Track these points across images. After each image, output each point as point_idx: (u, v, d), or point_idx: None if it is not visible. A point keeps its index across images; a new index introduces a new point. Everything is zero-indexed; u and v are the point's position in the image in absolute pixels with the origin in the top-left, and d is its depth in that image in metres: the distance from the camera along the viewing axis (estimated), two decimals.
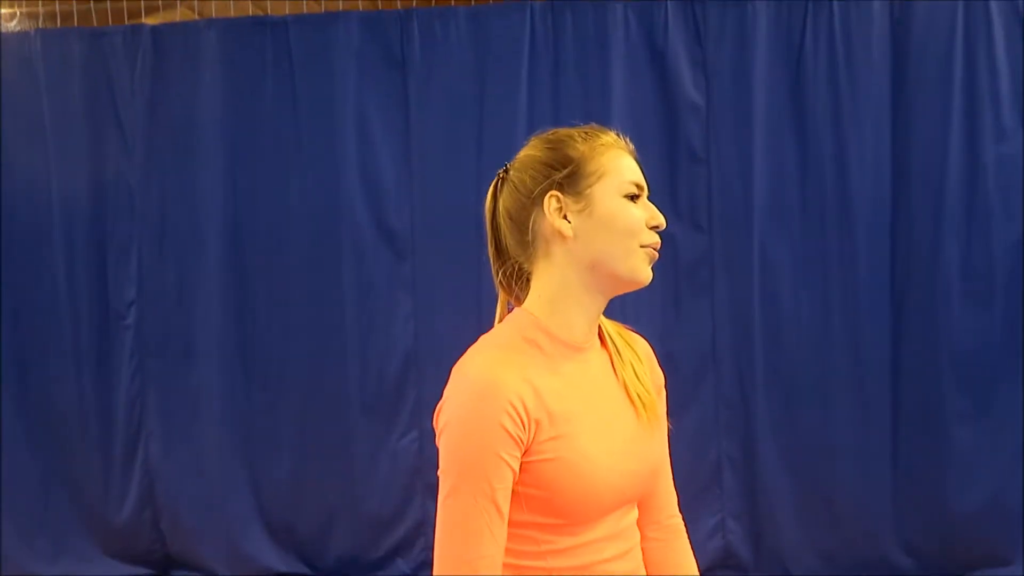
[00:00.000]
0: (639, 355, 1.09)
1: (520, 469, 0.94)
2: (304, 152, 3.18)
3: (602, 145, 1.04)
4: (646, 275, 1.03)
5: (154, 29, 3.26)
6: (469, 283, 3.11)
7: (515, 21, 3.09)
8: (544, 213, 1.02)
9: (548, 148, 1.04)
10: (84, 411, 3.26)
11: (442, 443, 0.96)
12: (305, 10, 3.37)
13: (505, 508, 0.93)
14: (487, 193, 1.10)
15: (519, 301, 1.07)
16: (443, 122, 3.14)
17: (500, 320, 1.09)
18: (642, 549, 1.07)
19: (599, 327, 1.08)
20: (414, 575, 3.14)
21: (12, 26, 3.56)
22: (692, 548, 1.16)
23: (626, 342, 1.09)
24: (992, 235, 2.96)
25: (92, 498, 3.27)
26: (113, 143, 3.26)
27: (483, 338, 1.05)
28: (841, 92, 3.00)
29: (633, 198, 1.02)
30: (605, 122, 3.26)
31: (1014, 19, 2.94)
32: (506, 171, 1.09)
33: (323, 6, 3.50)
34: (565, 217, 1.01)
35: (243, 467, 3.21)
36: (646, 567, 1.08)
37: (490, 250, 1.09)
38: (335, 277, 3.18)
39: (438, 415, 0.99)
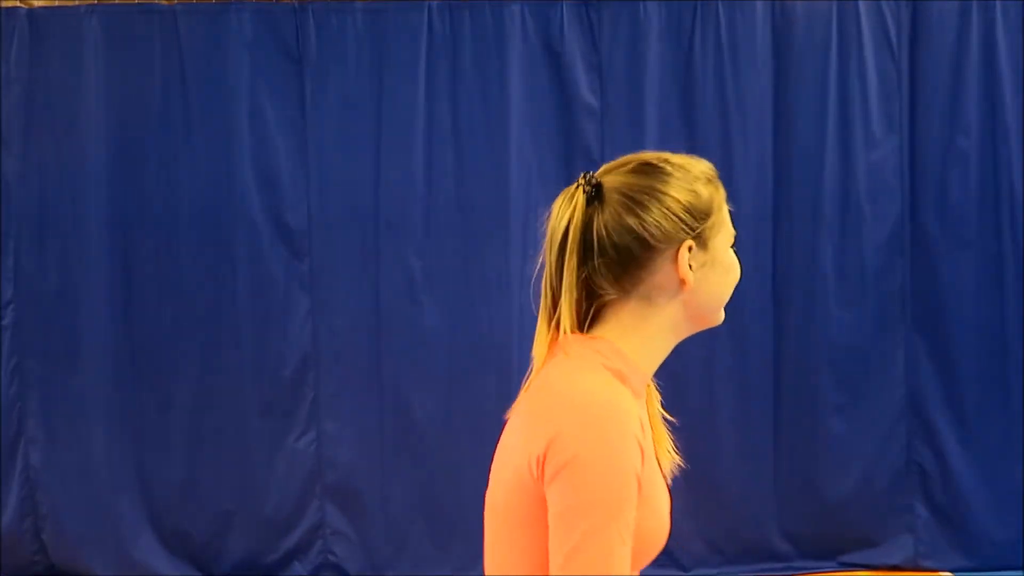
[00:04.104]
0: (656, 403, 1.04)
1: None
2: (195, 145, 3.09)
3: (721, 191, 0.99)
4: (720, 320, 1.02)
5: (30, 12, 3.09)
6: (367, 281, 3.10)
7: (413, 19, 3.09)
8: (673, 260, 0.93)
9: (691, 192, 0.95)
10: None
11: (568, 480, 0.82)
12: None
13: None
14: (565, 204, 0.94)
15: (575, 330, 0.93)
16: (340, 118, 3.11)
17: (545, 344, 0.95)
18: None
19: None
20: None
21: None
22: None
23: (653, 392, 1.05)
24: (863, 237, 3.16)
25: None
26: None
27: (566, 364, 0.92)
28: (727, 98, 3.13)
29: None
30: (504, 122, 3.34)
31: (881, 32, 3.14)
32: (594, 186, 0.94)
33: None
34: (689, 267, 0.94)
35: (132, 471, 3.11)
36: None
37: (568, 269, 0.91)
38: (229, 274, 3.11)
39: (549, 452, 0.84)
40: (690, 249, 0.93)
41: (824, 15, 3.11)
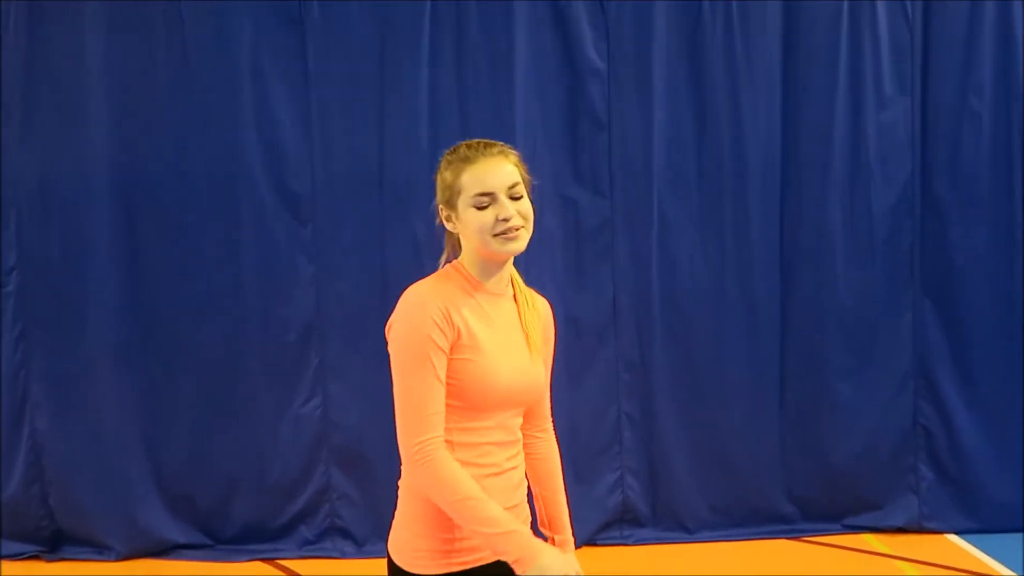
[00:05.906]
0: (539, 311, 1.50)
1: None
2: (197, 110, 3.06)
3: (459, 164, 1.39)
4: (508, 251, 1.38)
5: None
6: (372, 247, 3.08)
7: None
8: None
9: (441, 179, 1.42)
10: None
11: (391, 341, 1.35)
12: None
13: (443, 378, 1.33)
14: None
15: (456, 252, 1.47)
16: (344, 83, 3.07)
17: (443, 264, 1.47)
18: (525, 443, 1.49)
19: (514, 286, 1.47)
20: (317, 542, 3.14)
21: None
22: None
23: (532, 301, 1.49)
24: (872, 199, 3.12)
25: None
26: None
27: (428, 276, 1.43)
28: (736, 57, 3.09)
29: (482, 204, 1.37)
30: (510, 84, 3.27)
31: None
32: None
33: None
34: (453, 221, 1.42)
35: (138, 436, 3.12)
36: (528, 454, 1.51)
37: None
38: (233, 240, 3.09)
39: (389, 327, 1.36)
40: (444, 212, 1.41)
41: None
